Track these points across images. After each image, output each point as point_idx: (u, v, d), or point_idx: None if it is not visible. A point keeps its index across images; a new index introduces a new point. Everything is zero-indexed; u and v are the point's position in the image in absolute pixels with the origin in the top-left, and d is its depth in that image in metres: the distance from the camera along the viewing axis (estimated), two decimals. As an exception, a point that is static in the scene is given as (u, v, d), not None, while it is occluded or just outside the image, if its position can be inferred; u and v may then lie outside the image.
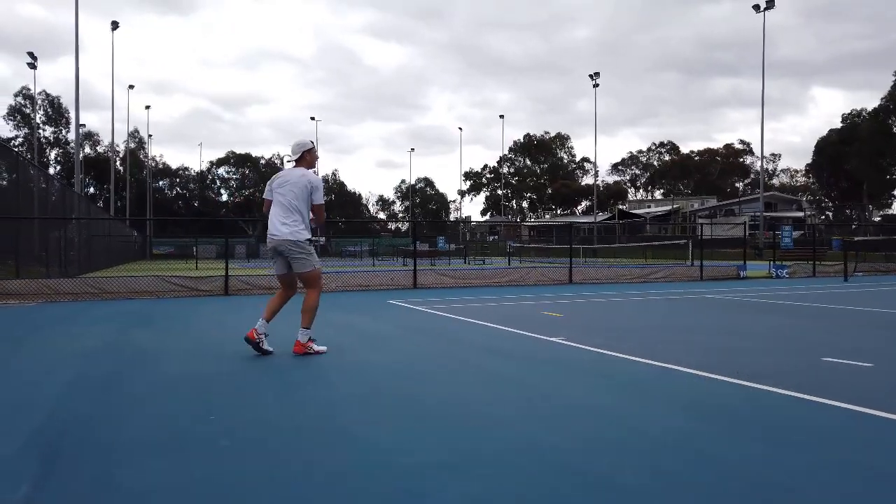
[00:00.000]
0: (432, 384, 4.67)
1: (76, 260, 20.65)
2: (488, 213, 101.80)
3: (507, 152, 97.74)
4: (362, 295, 13.40)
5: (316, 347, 5.77)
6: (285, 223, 5.59)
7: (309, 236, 5.70)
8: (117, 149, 62.22)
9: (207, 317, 9.35)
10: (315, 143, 6.01)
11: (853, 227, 54.69)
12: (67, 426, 3.59)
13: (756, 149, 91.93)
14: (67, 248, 19.60)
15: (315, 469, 2.88)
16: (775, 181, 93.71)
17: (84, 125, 76.72)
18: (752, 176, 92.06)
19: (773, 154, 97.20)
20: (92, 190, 75.96)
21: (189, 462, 2.97)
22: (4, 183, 15.56)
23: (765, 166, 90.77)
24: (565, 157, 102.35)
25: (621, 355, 5.69)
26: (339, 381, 4.77)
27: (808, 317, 9.10)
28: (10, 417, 3.78)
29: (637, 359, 5.52)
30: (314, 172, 5.91)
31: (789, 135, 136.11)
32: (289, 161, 5.93)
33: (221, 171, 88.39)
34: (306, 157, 5.86)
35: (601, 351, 5.95)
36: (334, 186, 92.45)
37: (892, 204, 67.37)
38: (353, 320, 8.80)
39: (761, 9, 41.31)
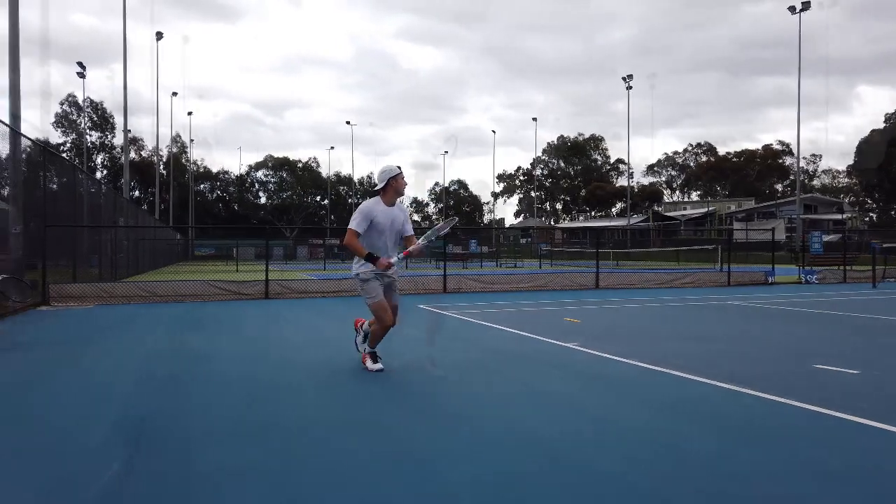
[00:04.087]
0: (440, 383, 5.26)
1: (125, 263, 21.82)
2: (521, 216, 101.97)
3: (540, 154, 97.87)
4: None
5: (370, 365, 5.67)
6: None
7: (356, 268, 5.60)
8: (161, 154, 64.45)
9: (250, 320, 10.10)
10: (401, 169, 5.65)
11: (897, 229, 53.41)
12: (141, 419, 4.28)
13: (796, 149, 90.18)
14: (116, 251, 20.75)
15: (349, 456, 3.50)
16: (816, 182, 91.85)
17: (129, 130, 79.34)
18: (792, 177, 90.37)
19: (813, 155, 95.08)
20: (137, 193, 78.47)
21: (244, 447, 3.62)
22: (55, 187, 16.64)
23: (805, 167, 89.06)
24: (599, 158, 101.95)
25: (619, 358, 6.22)
26: (363, 378, 5.39)
27: (813, 325, 9.43)
28: (94, 410, 4.49)
29: (629, 361, 6.03)
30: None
31: (833, 134, 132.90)
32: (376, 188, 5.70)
33: (260, 174, 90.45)
34: (391, 184, 5.57)
35: (607, 356, 6.47)
36: (370, 188, 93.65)
37: (938, 206, 65.55)
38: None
39: (797, 10, 40.90)
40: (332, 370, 5.88)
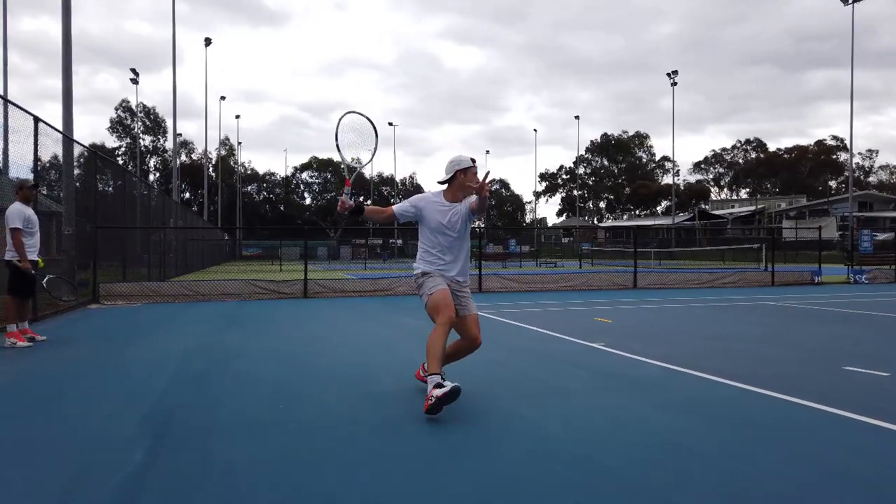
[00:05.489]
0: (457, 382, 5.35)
1: (174, 263, 22.54)
2: (564, 215, 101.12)
3: (583, 152, 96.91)
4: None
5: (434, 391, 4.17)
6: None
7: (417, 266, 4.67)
8: (210, 156, 66.30)
9: (285, 320, 10.36)
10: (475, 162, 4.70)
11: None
12: (172, 411, 4.49)
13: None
14: (166, 252, 21.45)
15: (363, 453, 3.63)
16: (872, 179, 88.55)
17: (180, 134, 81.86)
18: (846, 174, 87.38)
19: (869, 150, 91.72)
20: (187, 195, 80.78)
21: (266, 440, 3.78)
22: (110, 189, 17.32)
23: (861, 163, 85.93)
24: (644, 156, 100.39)
25: (643, 359, 6.20)
26: (387, 377, 5.52)
27: (851, 326, 9.17)
28: (127, 403, 4.73)
29: (653, 361, 6.00)
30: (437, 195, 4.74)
31: (891, 128, 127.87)
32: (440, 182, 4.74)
33: (305, 175, 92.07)
34: (458, 178, 4.64)
35: (632, 356, 6.45)
36: (412, 189, 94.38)
37: None
38: (411, 322, 9.58)
39: (849, 1, 39.50)
40: (354, 369, 6.03)
